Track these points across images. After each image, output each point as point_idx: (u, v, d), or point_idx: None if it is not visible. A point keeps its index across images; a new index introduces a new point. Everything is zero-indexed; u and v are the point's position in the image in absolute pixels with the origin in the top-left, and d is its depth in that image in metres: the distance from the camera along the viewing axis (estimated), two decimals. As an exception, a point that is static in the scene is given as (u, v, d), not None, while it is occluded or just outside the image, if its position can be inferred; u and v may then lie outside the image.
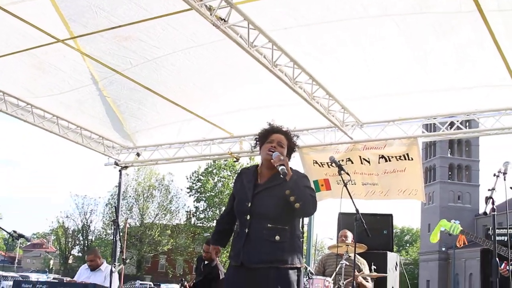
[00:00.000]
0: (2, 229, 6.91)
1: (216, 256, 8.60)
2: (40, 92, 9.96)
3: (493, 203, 5.08)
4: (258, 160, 5.11)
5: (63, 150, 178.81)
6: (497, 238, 5.62)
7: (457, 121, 9.55)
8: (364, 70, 8.27)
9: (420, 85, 8.63)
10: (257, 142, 4.97)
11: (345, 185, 6.27)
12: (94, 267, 9.24)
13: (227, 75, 8.89)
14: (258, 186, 4.76)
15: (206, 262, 8.66)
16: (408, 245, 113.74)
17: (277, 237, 4.56)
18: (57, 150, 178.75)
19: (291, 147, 4.93)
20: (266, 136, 4.85)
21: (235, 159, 11.54)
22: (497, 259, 5.17)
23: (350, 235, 8.74)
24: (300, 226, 6.27)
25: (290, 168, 4.65)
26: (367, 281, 8.55)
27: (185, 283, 8.65)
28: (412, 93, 8.95)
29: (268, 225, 4.58)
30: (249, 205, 4.66)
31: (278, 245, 4.56)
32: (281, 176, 4.50)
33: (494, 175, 5.24)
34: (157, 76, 9.14)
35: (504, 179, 5.38)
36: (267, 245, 4.56)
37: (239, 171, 5.14)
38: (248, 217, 4.65)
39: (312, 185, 4.93)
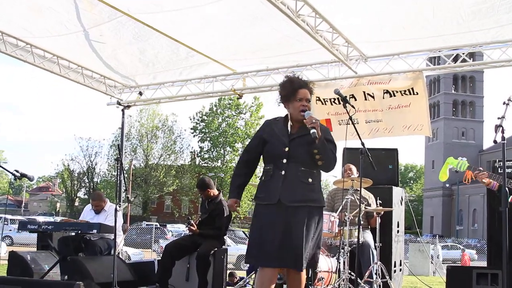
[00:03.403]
0: (4, 168, 6.82)
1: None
2: (39, 33, 9.74)
3: (503, 131, 5.02)
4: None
5: (65, 93, 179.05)
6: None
7: (463, 53, 9.42)
8: (368, 4, 8.08)
9: (426, 23, 8.50)
10: (281, 96, 5.41)
11: (350, 118, 6.21)
12: (99, 211, 9.29)
13: (230, 15, 8.67)
14: (292, 134, 5.27)
15: (210, 199, 8.69)
16: (412, 182, 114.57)
17: (310, 179, 5.17)
18: (58, 93, 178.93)
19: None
20: (293, 93, 5.27)
21: (238, 96, 11.49)
22: (506, 188, 5.13)
23: (354, 168, 8.71)
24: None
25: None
26: (372, 216, 8.59)
27: (191, 221, 8.69)
28: (417, 30, 8.82)
29: (302, 168, 5.15)
30: (287, 149, 5.18)
31: (311, 187, 5.18)
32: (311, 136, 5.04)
33: (504, 103, 5.15)
34: (158, 23, 9.05)
35: None
36: (301, 186, 5.13)
37: (265, 121, 5.59)
38: (285, 160, 5.17)
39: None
